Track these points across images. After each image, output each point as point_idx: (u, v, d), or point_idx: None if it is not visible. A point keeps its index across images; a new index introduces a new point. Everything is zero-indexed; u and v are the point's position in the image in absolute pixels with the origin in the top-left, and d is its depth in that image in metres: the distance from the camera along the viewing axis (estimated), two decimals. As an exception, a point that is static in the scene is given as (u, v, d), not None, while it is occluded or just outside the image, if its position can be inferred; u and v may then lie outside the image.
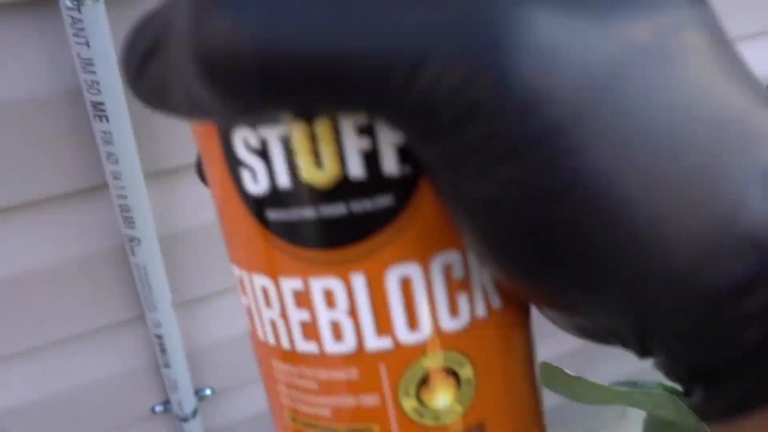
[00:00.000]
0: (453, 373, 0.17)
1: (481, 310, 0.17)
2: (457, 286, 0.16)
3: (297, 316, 0.17)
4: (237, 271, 0.18)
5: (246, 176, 0.16)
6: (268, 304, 0.17)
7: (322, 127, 0.15)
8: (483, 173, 0.13)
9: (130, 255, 0.44)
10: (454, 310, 0.17)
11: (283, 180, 0.15)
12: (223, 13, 0.11)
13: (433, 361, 0.17)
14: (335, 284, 0.16)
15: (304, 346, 0.17)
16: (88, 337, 0.39)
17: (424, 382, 0.17)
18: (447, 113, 0.12)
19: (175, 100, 0.14)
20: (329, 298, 0.16)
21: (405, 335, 0.16)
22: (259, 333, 0.18)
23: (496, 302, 0.17)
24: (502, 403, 0.18)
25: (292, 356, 0.17)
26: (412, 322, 0.16)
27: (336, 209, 0.15)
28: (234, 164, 0.16)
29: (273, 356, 0.18)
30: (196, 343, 0.56)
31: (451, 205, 0.14)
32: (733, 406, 0.15)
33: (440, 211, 0.16)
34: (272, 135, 0.15)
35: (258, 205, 0.16)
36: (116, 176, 0.53)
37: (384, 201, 0.15)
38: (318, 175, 0.15)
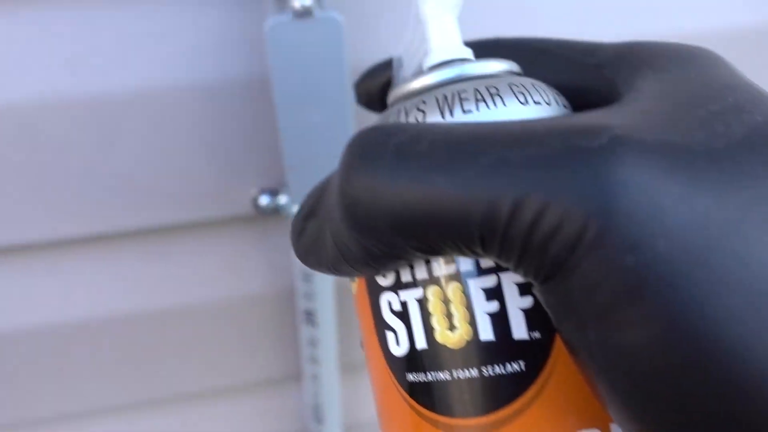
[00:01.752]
0: None
1: None
2: None
3: None
4: None
5: (390, 339, 0.17)
6: None
7: (453, 290, 0.16)
8: (603, 313, 0.13)
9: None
10: None
11: (421, 341, 0.16)
12: (364, 175, 0.15)
13: None
14: None
15: None
16: None
17: None
18: (553, 247, 0.13)
19: (325, 253, 0.16)
20: None
21: None
22: None
23: None
24: None
25: None
26: None
27: (468, 373, 0.15)
28: (381, 327, 0.17)
29: None
30: None
31: (578, 357, 0.14)
32: None
33: (577, 383, 0.15)
34: (411, 297, 0.16)
35: (400, 368, 0.17)
36: (315, 377, 0.57)
37: (515, 367, 0.15)
38: (451, 337, 0.16)
